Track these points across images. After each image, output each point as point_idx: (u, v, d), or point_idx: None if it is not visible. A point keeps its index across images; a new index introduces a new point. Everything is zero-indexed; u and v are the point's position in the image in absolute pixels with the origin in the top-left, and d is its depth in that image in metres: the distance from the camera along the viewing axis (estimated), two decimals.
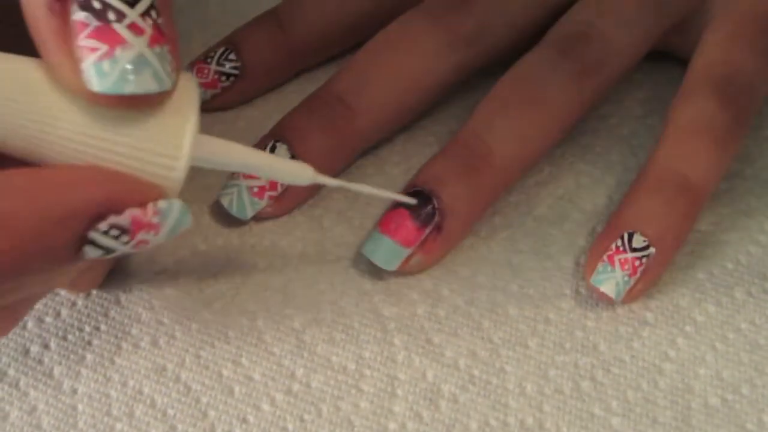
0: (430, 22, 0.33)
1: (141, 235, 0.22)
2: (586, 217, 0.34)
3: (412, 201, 0.31)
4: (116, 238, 0.22)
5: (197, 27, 0.39)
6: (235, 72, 0.35)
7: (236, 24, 0.36)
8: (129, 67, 0.21)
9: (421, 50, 0.33)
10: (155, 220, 0.22)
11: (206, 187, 0.33)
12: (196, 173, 0.33)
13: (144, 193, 0.22)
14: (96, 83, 0.21)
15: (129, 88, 0.21)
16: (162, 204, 0.22)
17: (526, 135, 0.32)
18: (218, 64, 0.35)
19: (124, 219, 0.22)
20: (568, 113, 0.33)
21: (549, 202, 0.34)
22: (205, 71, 0.35)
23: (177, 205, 0.23)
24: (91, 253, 0.22)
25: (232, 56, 0.35)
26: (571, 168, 0.35)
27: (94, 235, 0.22)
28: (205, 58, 0.35)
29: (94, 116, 0.22)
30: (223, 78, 0.34)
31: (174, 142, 0.22)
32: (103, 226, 0.22)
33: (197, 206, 0.33)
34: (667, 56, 0.37)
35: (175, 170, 0.23)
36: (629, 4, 0.34)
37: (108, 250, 0.22)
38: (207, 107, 0.34)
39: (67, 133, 0.22)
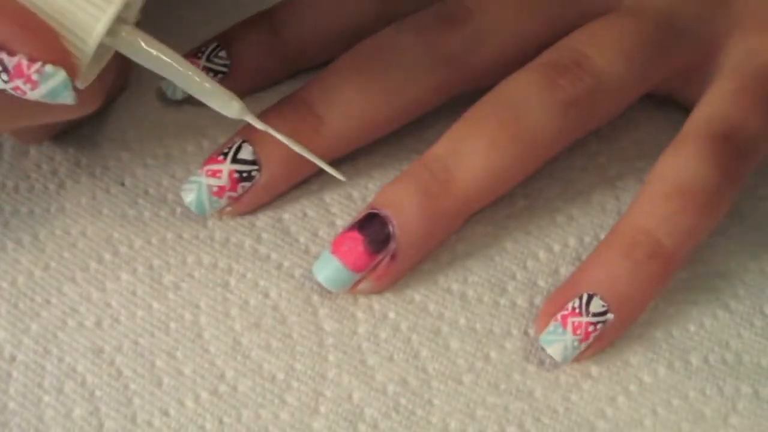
0: (414, 37, 0.32)
1: (18, 82, 0.24)
2: (553, 257, 0.33)
3: (340, 177, 0.30)
4: None
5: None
6: (224, 70, 0.35)
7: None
8: None
9: (400, 65, 0.32)
10: (35, 77, 0.24)
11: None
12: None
13: (45, 50, 0.24)
14: None
15: None
16: (49, 68, 0.24)
17: (495, 164, 0.31)
18: (208, 60, 0.35)
19: (9, 61, 0.24)
20: (546, 146, 0.32)
21: (516, 237, 0.33)
22: (194, 65, 0.35)
23: (62, 76, 0.24)
24: None
25: (222, 54, 0.35)
26: (548, 204, 0.34)
27: None
28: (196, 52, 0.35)
29: None
30: (211, 75, 0.34)
31: (95, 17, 0.24)
32: None
33: (173, 195, 0.34)
34: (673, 100, 0.35)
35: (86, 43, 0.25)
36: (630, 39, 0.32)
37: None
38: (193, 102, 0.34)
39: None
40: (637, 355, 0.31)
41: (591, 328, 0.30)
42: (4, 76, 0.24)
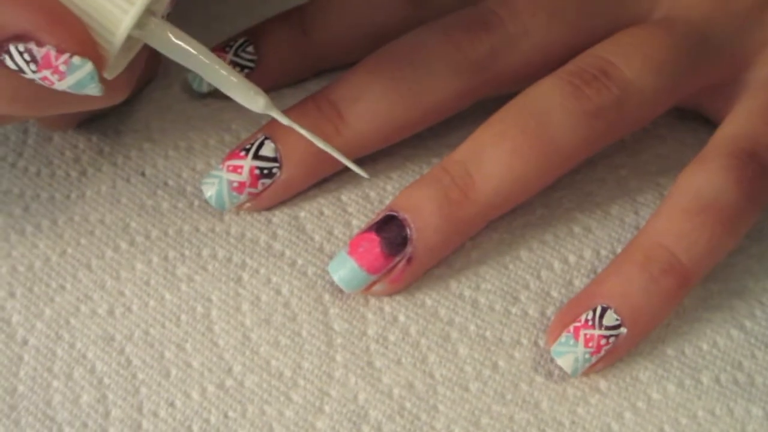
0: (442, 40, 0.32)
1: (46, 73, 0.25)
2: (568, 268, 0.32)
3: (363, 174, 0.30)
4: (27, 62, 0.24)
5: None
6: (251, 65, 0.35)
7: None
8: None
9: (426, 68, 0.32)
10: (62, 68, 0.24)
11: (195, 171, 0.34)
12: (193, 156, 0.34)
13: (72, 41, 0.24)
14: None
15: None
16: (76, 59, 0.24)
17: (516, 171, 0.31)
18: (235, 54, 0.35)
19: (37, 51, 0.24)
20: (568, 155, 0.31)
21: (532, 246, 0.33)
22: (222, 59, 0.35)
23: (89, 67, 0.25)
24: (9, 63, 0.25)
25: (250, 49, 0.35)
26: (566, 214, 0.33)
27: (11, 48, 0.24)
28: (224, 46, 0.35)
29: None
30: (238, 69, 0.34)
31: (123, 10, 0.25)
32: (20, 46, 0.24)
33: (192, 188, 0.34)
34: (699, 116, 0.35)
35: (114, 35, 0.25)
36: (659, 51, 0.32)
37: (21, 70, 0.25)
38: (217, 95, 0.34)
39: None
40: (647, 372, 0.30)
41: (603, 341, 0.29)
42: (33, 67, 0.24)
